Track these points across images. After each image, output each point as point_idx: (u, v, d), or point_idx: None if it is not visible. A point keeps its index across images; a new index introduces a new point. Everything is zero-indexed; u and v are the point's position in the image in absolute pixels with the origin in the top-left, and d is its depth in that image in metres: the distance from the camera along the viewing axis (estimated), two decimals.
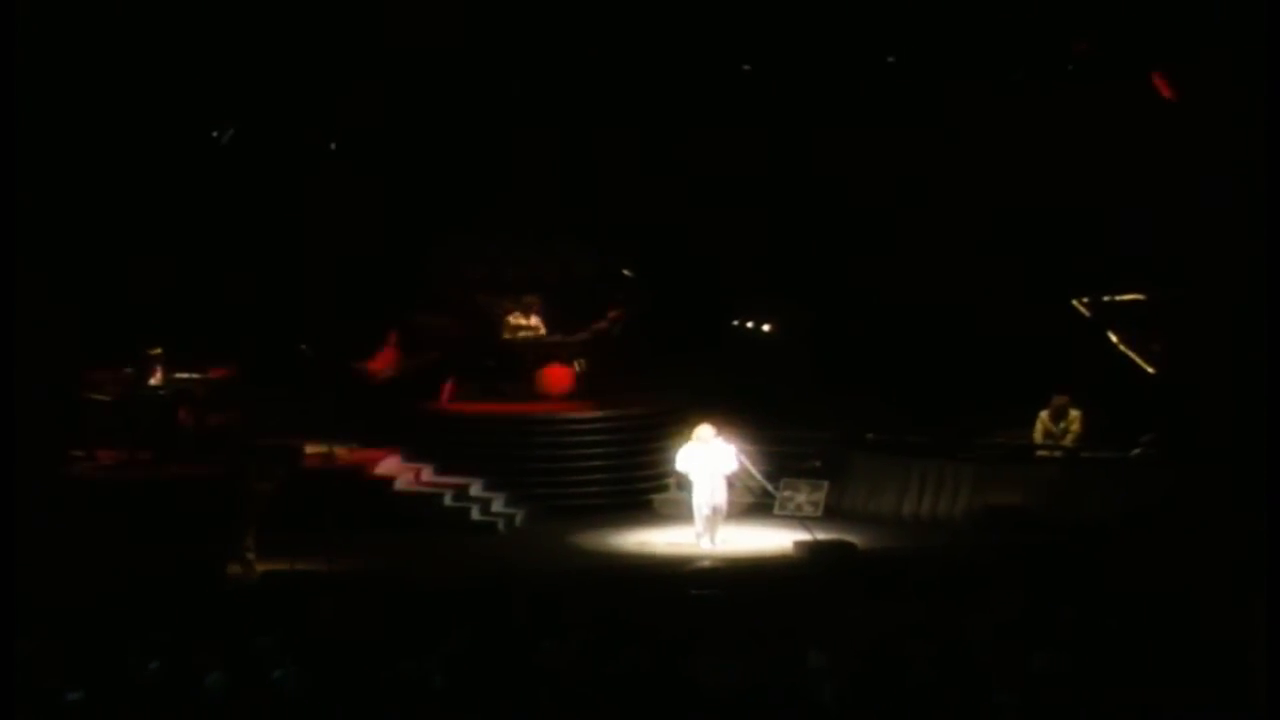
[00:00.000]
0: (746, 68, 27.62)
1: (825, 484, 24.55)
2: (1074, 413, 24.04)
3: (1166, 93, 24.32)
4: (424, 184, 27.44)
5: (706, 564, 22.23)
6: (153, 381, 24.50)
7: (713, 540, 22.75)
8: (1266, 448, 18.21)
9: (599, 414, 26.19)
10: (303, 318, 26.81)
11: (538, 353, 26.90)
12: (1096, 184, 24.81)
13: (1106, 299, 25.44)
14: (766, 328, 27.94)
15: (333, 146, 27.70)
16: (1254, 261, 21.73)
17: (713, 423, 22.89)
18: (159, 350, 24.54)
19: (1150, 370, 24.86)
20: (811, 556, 21.70)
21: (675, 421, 24.57)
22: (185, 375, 24.80)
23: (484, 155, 27.28)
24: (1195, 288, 23.87)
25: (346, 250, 26.79)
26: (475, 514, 24.65)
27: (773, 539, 23.00)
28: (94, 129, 25.00)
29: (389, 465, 25.01)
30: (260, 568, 21.28)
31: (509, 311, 27.08)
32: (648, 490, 25.32)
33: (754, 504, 24.30)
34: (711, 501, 22.71)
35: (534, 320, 27.05)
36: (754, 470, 23.68)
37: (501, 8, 26.24)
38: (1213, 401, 22.78)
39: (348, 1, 26.03)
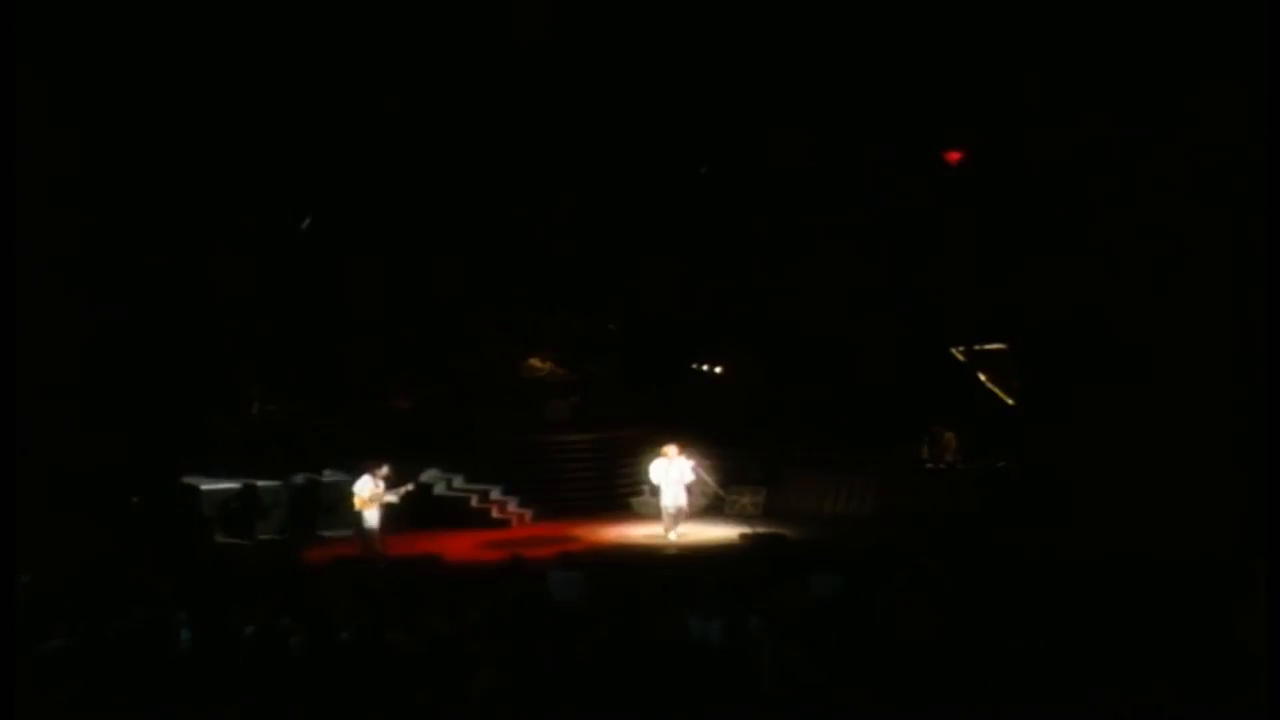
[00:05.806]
0: (703, 170, 27.68)
1: (764, 489, 24.53)
2: (947, 434, 24.01)
3: (954, 160, 24.32)
4: (458, 264, 27.51)
5: (672, 551, 22.10)
6: (253, 411, 24.39)
7: (675, 533, 22.63)
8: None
9: (590, 436, 26.11)
10: (359, 366, 26.66)
11: (544, 389, 26.80)
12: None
13: (977, 347, 25.42)
14: (718, 370, 27.88)
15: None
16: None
17: (677, 443, 22.82)
18: (256, 389, 24.43)
19: (1010, 402, 24.82)
20: (753, 545, 21.59)
21: (648, 442, 24.35)
22: (272, 408, 24.68)
23: (502, 246, 27.32)
24: (1033, 341, 23.87)
25: (398, 312, 26.74)
26: (494, 513, 24.55)
27: (723, 532, 22.90)
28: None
29: (429, 475, 24.86)
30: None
31: (523, 357, 27.04)
32: (627, 495, 25.16)
33: (708, 505, 24.21)
34: (676, 504, 22.62)
35: (544, 363, 27.00)
36: (709, 479, 23.55)
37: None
38: (1053, 426, 22.75)
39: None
